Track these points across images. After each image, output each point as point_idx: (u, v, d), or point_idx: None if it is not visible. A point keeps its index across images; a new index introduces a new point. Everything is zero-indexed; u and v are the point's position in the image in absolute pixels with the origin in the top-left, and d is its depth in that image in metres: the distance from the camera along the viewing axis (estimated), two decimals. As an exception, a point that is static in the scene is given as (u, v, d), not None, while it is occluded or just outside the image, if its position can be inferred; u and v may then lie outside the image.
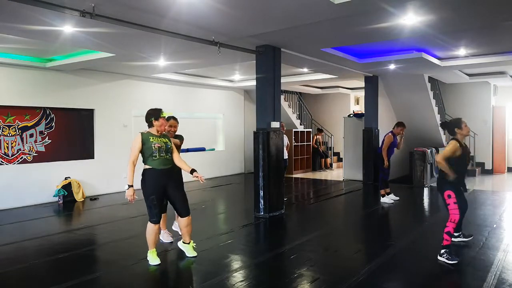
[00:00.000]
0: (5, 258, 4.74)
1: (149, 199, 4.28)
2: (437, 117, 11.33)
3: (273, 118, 6.76)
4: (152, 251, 4.42)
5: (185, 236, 4.68)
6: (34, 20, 4.92)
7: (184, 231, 4.65)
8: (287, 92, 14.36)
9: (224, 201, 8.85)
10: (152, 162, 4.30)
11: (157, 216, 4.34)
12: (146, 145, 4.30)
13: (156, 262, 4.37)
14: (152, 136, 4.37)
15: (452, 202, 4.41)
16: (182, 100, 11.32)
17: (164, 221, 5.11)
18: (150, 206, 4.30)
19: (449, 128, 4.67)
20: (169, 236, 5.25)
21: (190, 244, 4.70)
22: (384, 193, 7.72)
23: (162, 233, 5.15)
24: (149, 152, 4.29)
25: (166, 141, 4.45)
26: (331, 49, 7.38)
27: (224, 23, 5.26)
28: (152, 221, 4.34)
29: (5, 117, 7.80)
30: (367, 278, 3.92)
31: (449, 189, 4.43)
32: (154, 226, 4.35)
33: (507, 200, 8.19)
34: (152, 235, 4.38)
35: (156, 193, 4.30)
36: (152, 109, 4.49)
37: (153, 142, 4.30)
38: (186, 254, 4.66)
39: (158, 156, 4.31)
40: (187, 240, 4.70)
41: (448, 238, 4.34)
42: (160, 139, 4.40)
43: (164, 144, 4.39)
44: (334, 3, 4.40)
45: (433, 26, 5.54)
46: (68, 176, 8.49)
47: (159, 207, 4.36)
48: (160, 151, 4.32)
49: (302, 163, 13.32)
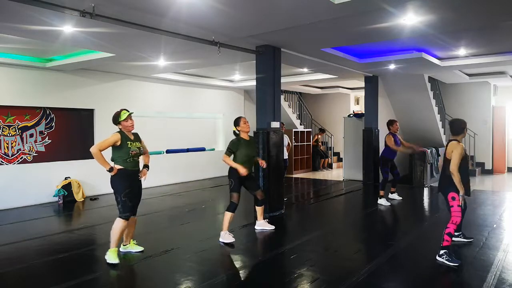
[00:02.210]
0: (5, 258, 4.74)
1: (123, 193, 4.35)
2: (437, 117, 11.33)
3: (273, 118, 6.76)
4: (114, 250, 4.42)
5: (126, 238, 4.79)
6: (34, 20, 4.92)
7: (128, 231, 4.72)
8: (287, 92, 14.36)
9: (224, 201, 8.82)
10: (125, 163, 4.43)
11: (131, 210, 4.43)
12: (123, 148, 4.41)
13: (115, 261, 4.37)
14: (129, 140, 4.48)
15: (455, 205, 4.37)
16: (182, 100, 11.33)
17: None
18: (124, 201, 4.36)
19: (459, 127, 4.55)
20: (231, 236, 5.26)
21: (131, 243, 4.84)
22: (383, 194, 7.71)
23: (223, 234, 5.20)
24: (124, 155, 4.41)
25: (139, 145, 4.59)
26: (331, 49, 7.38)
27: (224, 23, 5.26)
28: (124, 216, 4.37)
29: (5, 117, 7.80)
30: (367, 278, 3.92)
31: (453, 191, 4.37)
32: (124, 222, 4.38)
33: (507, 200, 8.19)
34: (119, 233, 4.40)
35: (130, 188, 4.41)
36: (117, 111, 4.55)
37: (130, 148, 4.44)
38: (133, 251, 4.77)
39: (132, 160, 4.47)
40: (127, 242, 4.81)
41: (448, 239, 4.33)
42: (135, 144, 4.53)
43: (138, 150, 4.55)
44: (334, 3, 4.40)
45: (433, 26, 5.54)
46: (68, 176, 8.49)
47: (133, 201, 4.46)
48: (134, 156, 4.49)
49: (302, 163, 13.32)
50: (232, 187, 5.22)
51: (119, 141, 4.40)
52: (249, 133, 5.44)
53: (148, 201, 8.14)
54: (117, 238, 4.41)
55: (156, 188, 9.87)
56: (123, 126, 4.50)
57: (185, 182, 11.03)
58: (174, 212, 7.29)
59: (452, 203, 4.39)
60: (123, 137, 4.44)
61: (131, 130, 4.57)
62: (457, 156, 4.30)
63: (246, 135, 5.37)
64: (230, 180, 5.25)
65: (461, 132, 4.54)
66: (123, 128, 4.50)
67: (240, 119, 5.38)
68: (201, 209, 7.60)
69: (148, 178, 4.74)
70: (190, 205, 7.83)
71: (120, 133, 4.46)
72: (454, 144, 4.43)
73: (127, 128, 4.51)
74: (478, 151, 12.67)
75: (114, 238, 4.41)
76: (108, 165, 4.35)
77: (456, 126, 4.57)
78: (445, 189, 4.50)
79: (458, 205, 4.36)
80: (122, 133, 4.47)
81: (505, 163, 12.79)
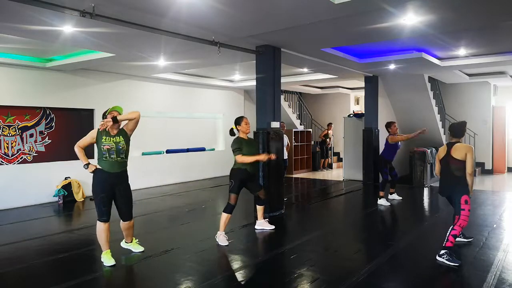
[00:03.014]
0: (5, 258, 4.74)
1: (98, 197, 4.26)
2: (437, 117, 11.33)
3: (273, 118, 6.76)
4: (106, 252, 4.40)
5: (127, 237, 4.77)
6: (34, 20, 4.92)
7: (126, 233, 4.70)
8: (287, 92, 14.36)
9: (224, 201, 8.81)
10: (102, 162, 4.26)
11: (106, 214, 4.31)
12: (98, 143, 4.26)
13: (111, 263, 4.35)
14: (106, 135, 4.23)
15: (467, 209, 4.39)
16: (182, 100, 11.33)
17: None
18: (99, 204, 4.27)
19: (464, 130, 4.67)
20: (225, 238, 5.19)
21: (133, 241, 4.82)
22: (383, 195, 7.70)
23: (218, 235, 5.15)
24: (99, 152, 4.26)
25: (118, 140, 4.25)
26: (331, 49, 7.38)
27: (224, 23, 5.26)
28: (101, 219, 4.31)
29: (5, 117, 7.80)
30: (367, 278, 3.92)
31: (466, 194, 4.40)
32: (103, 224, 4.32)
33: (507, 200, 8.19)
34: (103, 235, 4.35)
35: (105, 192, 4.26)
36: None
37: (103, 143, 4.20)
38: (133, 250, 4.77)
39: (108, 158, 4.23)
40: (129, 240, 4.79)
41: (452, 241, 4.33)
42: (112, 139, 4.23)
43: (115, 145, 4.22)
44: (334, 3, 4.40)
45: (433, 26, 5.54)
46: (68, 176, 8.49)
47: (108, 205, 4.31)
48: (110, 152, 4.21)
49: (302, 163, 13.32)
50: (231, 188, 5.21)
51: (95, 137, 4.26)
52: (248, 134, 5.38)
53: (148, 201, 8.15)
54: (101, 241, 4.37)
55: (156, 188, 9.86)
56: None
57: (185, 182, 11.03)
58: (174, 212, 7.29)
59: (464, 206, 4.40)
60: (100, 132, 4.24)
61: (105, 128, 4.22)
62: (471, 158, 4.38)
63: (245, 135, 5.34)
64: (231, 181, 5.23)
65: (464, 133, 4.67)
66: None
67: (242, 119, 5.33)
68: (201, 209, 7.60)
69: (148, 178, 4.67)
70: (190, 205, 7.83)
71: (98, 129, 4.27)
72: (465, 146, 4.46)
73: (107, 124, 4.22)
74: (478, 151, 12.67)
75: (100, 242, 4.40)
76: (85, 161, 4.20)
77: (463, 130, 4.67)
78: (455, 191, 4.50)
79: (469, 210, 4.40)
80: (99, 131, 4.25)
81: (505, 163, 12.79)
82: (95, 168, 4.27)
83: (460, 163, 4.42)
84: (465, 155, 4.39)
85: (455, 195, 4.50)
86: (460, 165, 4.42)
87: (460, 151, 4.44)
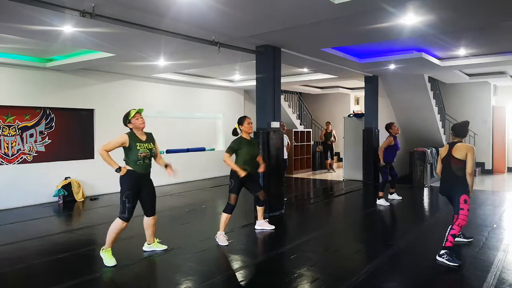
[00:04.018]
0: (5, 258, 4.74)
1: (125, 193, 4.32)
2: (437, 117, 11.33)
3: (273, 118, 6.76)
4: (108, 250, 4.40)
5: (149, 238, 4.81)
6: (34, 20, 4.92)
7: (150, 231, 4.74)
8: (287, 92, 14.36)
9: (224, 201, 8.81)
10: (135, 166, 4.36)
11: (130, 212, 4.35)
12: (132, 149, 4.33)
13: (112, 263, 4.34)
14: (138, 142, 4.37)
15: (466, 208, 4.39)
16: (182, 100, 11.33)
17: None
18: (124, 201, 4.31)
19: (466, 130, 4.68)
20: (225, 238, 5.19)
21: (155, 242, 4.85)
22: (382, 195, 7.70)
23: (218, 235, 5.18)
24: (134, 157, 4.33)
25: (151, 147, 4.47)
26: (331, 49, 7.38)
27: (224, 23, 5.26)
28: (123, 217, 4.33)
29: (5, 117, 7.80)
30: (367, 278, 3.92)
31: (466, 193, 4.41)
32: (122, 223, 4.34)
33: (507, 200, 8.19)
34: (116, 233, 4.37)
35: (132, 191, 4.34)
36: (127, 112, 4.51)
37: (139, 150, 4.34)
38: (157, 250, 4.80)
39: (142, 163, 4.39)
40: (151, 241, 4.83)
41: (452, 240, 4.33)
42: (146, 145, 4.41)
43: (149, 151, 4.43)
44: (334, 3, 4.40)
45: (433, 26, 5.54)
46: (68, 176, 8.49)
47: (133, 202, 4.37)
48: (145, 158, 4.39)
49: (302, 163, 13.31)
50: (231, 188, 5.21)
51: (127, 142, 4.32)
52: (250, 134, 5.42)
53: (148, 201, 8.14)
54: (112, 239, 4.38)
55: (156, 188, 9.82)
56: (133, 125, 4.40)
57: (185, 182, 11.03)
58: (174, 212, 7.29)
59: (463, 205, 4.40)
60: (131, 138, 4.35)
61: (143, 128, 4.46)
62: (473, 158, 4.39)
63: (247, 135, 5.36)
64: (231, 180, 5.24)
65: (467, 133, 4.68)
66: (134, 127, 4.41)
67: (245, 119, 5.36)
68: (201, 209, 7.60)
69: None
70: (190, 205, 7.83)
71: (129, 134, 4.38)
72: (467, 146, 4.47)
73: (138, 126, 4.40)
74: (478, 151, 12.66)
75: (109, 238, 4.39)
76: (116, 165, 4.26)
77: (465, 128, 4.67)
78: (455, 190, 4.50)
79: (468, 209, 4.41)
80: (132, 134, 4.38)
81: (505, 163, 12.79)
82: (126, 171, 4.34)
83: (461, 162, 4.42)
84: (465, 154, 4.40)
85: (455, 195, 4.51)
86: (461, 165, 4.43)
87: (461, 150, 4.44)
